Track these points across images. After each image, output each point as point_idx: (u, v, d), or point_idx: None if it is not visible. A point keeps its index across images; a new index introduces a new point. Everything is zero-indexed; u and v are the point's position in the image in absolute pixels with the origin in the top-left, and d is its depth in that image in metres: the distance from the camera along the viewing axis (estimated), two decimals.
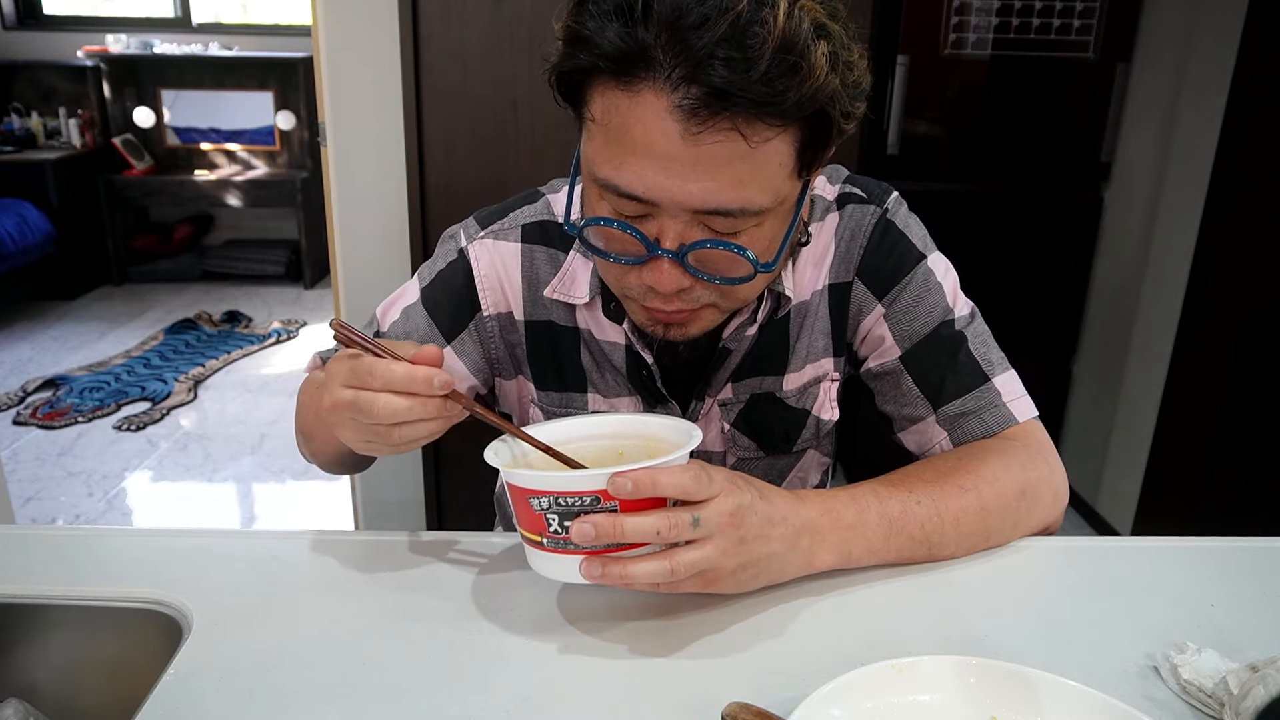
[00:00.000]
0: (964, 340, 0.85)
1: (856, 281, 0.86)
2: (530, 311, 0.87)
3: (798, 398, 0.89)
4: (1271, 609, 0.73)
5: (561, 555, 0.63)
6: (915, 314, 0.84)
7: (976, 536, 0.76)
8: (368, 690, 0.62)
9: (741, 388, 0.88)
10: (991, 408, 0.83)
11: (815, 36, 0.61)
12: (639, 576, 0.61)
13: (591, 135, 0.67)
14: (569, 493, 0.61)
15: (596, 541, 0.60)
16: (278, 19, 4.81)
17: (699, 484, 0.62)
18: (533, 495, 0.61)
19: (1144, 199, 2.38)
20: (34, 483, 2.70)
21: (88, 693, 0.75)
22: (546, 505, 0.61)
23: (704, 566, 0.63)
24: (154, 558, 0.77)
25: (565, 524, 0.61)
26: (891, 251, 0.85)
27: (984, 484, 0.77)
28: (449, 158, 1.75)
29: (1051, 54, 2.40)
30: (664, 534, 0.61)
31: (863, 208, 0.85)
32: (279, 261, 4.71)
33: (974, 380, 0.84)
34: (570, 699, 0.61)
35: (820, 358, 0.88)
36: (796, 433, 0.90)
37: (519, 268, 0.86)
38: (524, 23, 1.69)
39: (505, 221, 0.87)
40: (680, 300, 0.71)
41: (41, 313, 4.18)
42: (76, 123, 4.44)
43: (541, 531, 0.63)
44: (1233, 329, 2.12)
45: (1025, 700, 0.58)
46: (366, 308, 0.93)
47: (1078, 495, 2.65)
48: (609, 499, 0.60)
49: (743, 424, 0.89)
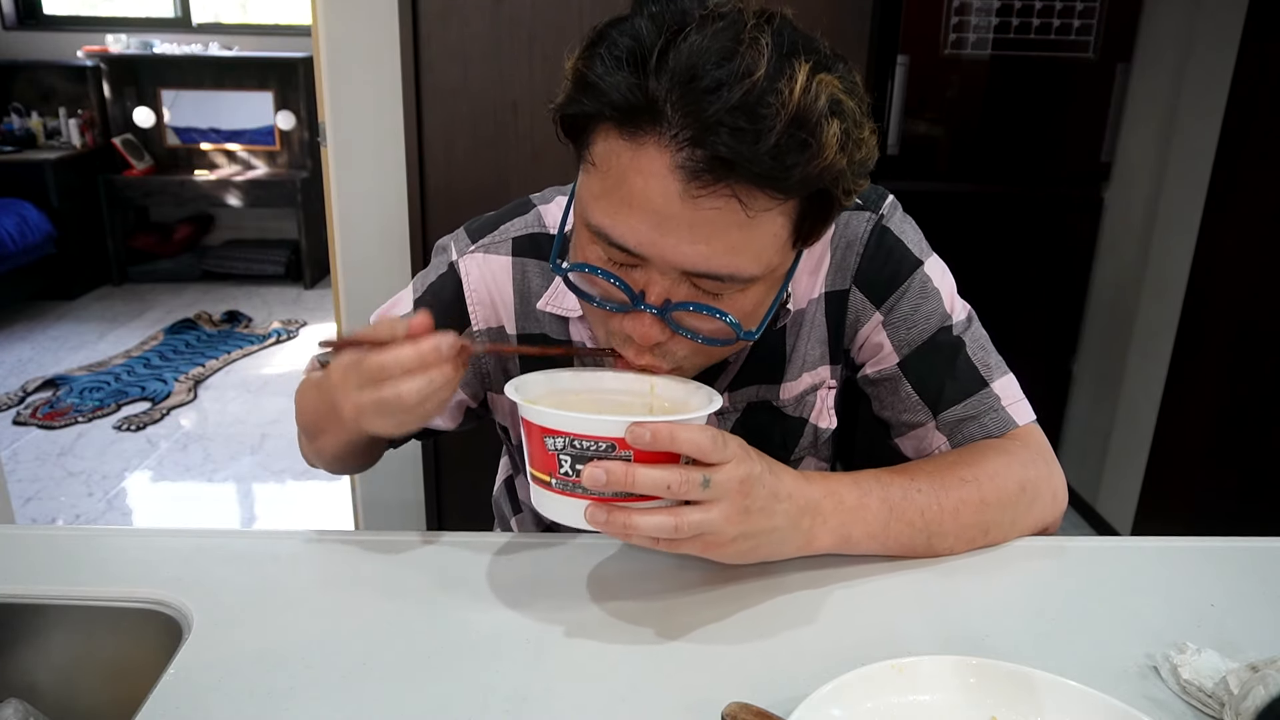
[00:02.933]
0: (962, 346, 0.84)
1: (854, 289, 0.85)
2: (522, 325, 0.86)
3: (795, 406, 0.89)
4: (1271, 609, 0.73)
5: (568, 498, 0.63)
6: (913, 321, 0.84)
7: (975, 530, 0.76)
8: (368, 690, 0.62)
9: (738, 397, 0.87)
10: (991, 412, 0.83)
11: (829, 114, 0.60)
12: (642, 528, 0.61)
13: (589, 178, 0.66)
14: (586, 436, 0.60)
15: (606, 488, 0.60)
16: (278, 19, 4.81)
17: (715, 445, 0.61)
18: (549, 434, 0.61)
19: (1144, 199, 2.38)
20: (34, 483, 2.70)
21: (88, 693, 0.75)
22: (561, 446, 0.61)
23: (707, 529, 0.62)
24: (154, 558, 0.77)
25: (578, 467, 0.61)
26: (888, 259, 0.84)
27: (985, 478, 0.77)
28: (449, 158, 1.75)
29: (1051, 54, 2.40)
30: (674, 489, 0.60)
31: (858, 215, 0.84)
32: (279, 261, 4.71)
33: (973, 386, 0.83)
34: (570, 699, 0.61)
35: (817, 365, 0.88)
36: (794, 441, 0.90)
37: (510, 281, 0.85)
38: (524, 23, 1.69)
39: (496, 235, 0.86)
40: (653, 355, 0.71)
41: (41, 313, 4.18)
42: (76, 123, 4.44)
43: (552, 472, 0.62)
44: (1233, 329, 2.12)
45: (1026, 700, 0.58)
46: (366, 308, 0.93)
47: (1078, 495, 2.65)
48: (625, 447, 0.60)
49: (740, 432, 0.88)
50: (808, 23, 0.67)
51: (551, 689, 0.62)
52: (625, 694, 0.62)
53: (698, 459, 0.62)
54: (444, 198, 1.77)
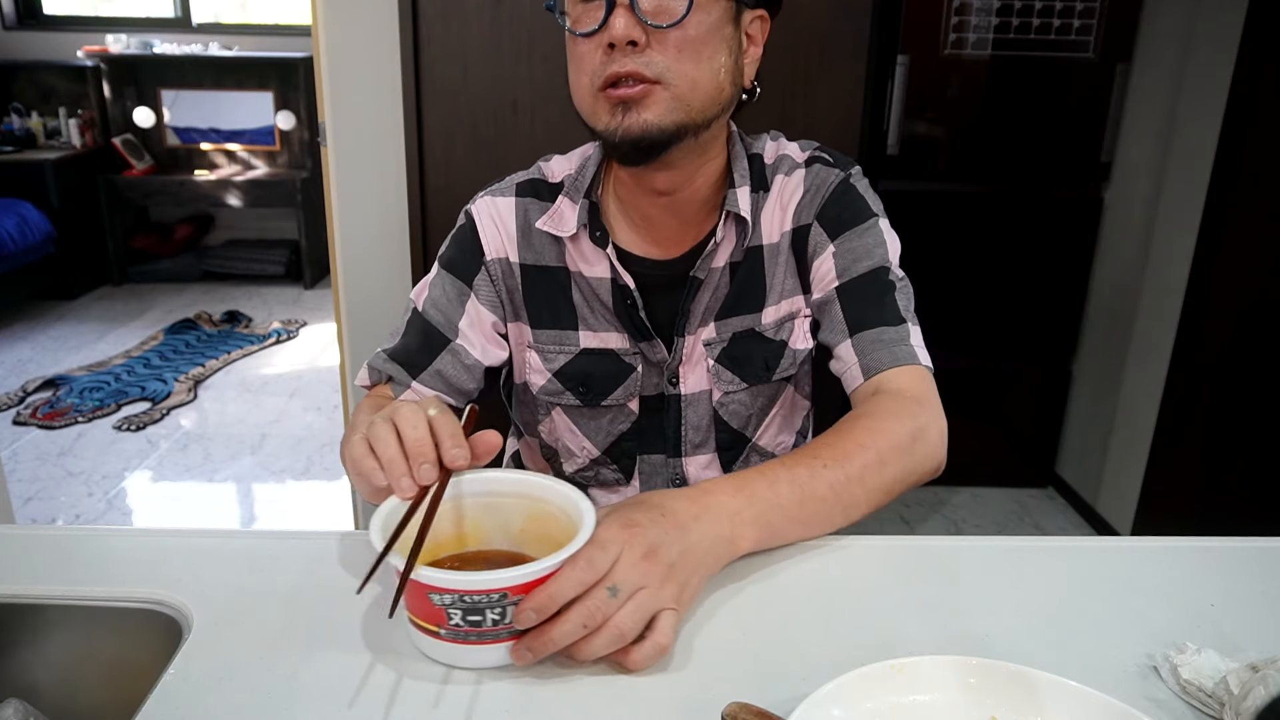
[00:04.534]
0: (894, 288, 0.92)
1: (815, 224, 0.94)
2: (524, 255, 0.96)
3: (775, 330, 0.98)
4: (1271, 609, 0.73)
5: (460, 645, 0.63)
6: (858, 253, 0.92)
7: (879, 492, 0.79)
8: (367, 690, 0.62)
9: (724, 327, 0.96)
10: (901, 343, 0.89)
11: None
12: (579, 647, 0.62)
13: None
14: (475, 591, 0.60)
15: (536, 658, 0.62)
16: (278, 19, 4.81)
17: (594, 567, 0.61)
18: (434, 591, 0.61)
19: (1144, 199, 2.38)
20: (34, 483, 2.70)
21: (88, 693, 0.75)
22: (450, 601, 0.61)
23: (646, 613, 0.62)
24: (154, 558, 0.77)
25: (469, 617, 0.61)
26: (849, 205, 0.94)
27: (880, 438, 0.80)
28: (449, 158, 1.75)
29: (1051, 54, 2.40)
30: (591, 620, 0.60)
31: (828, 169, 0.95)
32: (279, 261, 4.71)
33: (893, 320, 0.90)
34: (570, 699, 0.61)
35: (793, 295, 0.97)
36: (775, 362, 0.98)
37: (514, 217, 0.96)
38: (524, 23, 1.69)
39: (502, 183, 0.99)
40: (634, 62, 0.79)
41: (41, 313, 4.18)
42: (76, 123, 4.44)
43: (440, 623, 0.62)
44: (1233, 329, 2.12)
45: (1026, 700, 0.58)
46: (366, 308, 0.95)
47: (1078, 495, 2.65)
48: (516, 593, 0.60)
49: (725, 359, 0.97)
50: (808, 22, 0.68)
51: (551, 689, 0.62)
52: (625, 693, 0.62)
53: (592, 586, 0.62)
54: (444, 198, 1.77)
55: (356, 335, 1.97)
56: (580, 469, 1.03)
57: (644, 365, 0.97)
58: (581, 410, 0.99)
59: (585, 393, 0.98)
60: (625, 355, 0.96)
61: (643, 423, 0.99)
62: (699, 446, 1.01)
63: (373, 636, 0.68)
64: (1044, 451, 2.78)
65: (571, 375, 0.97)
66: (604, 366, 0.96)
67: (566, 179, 0.96)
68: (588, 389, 0.97)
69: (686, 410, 0.99)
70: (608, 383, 0.97)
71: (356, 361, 1.98)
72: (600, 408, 0.98)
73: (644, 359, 0.96)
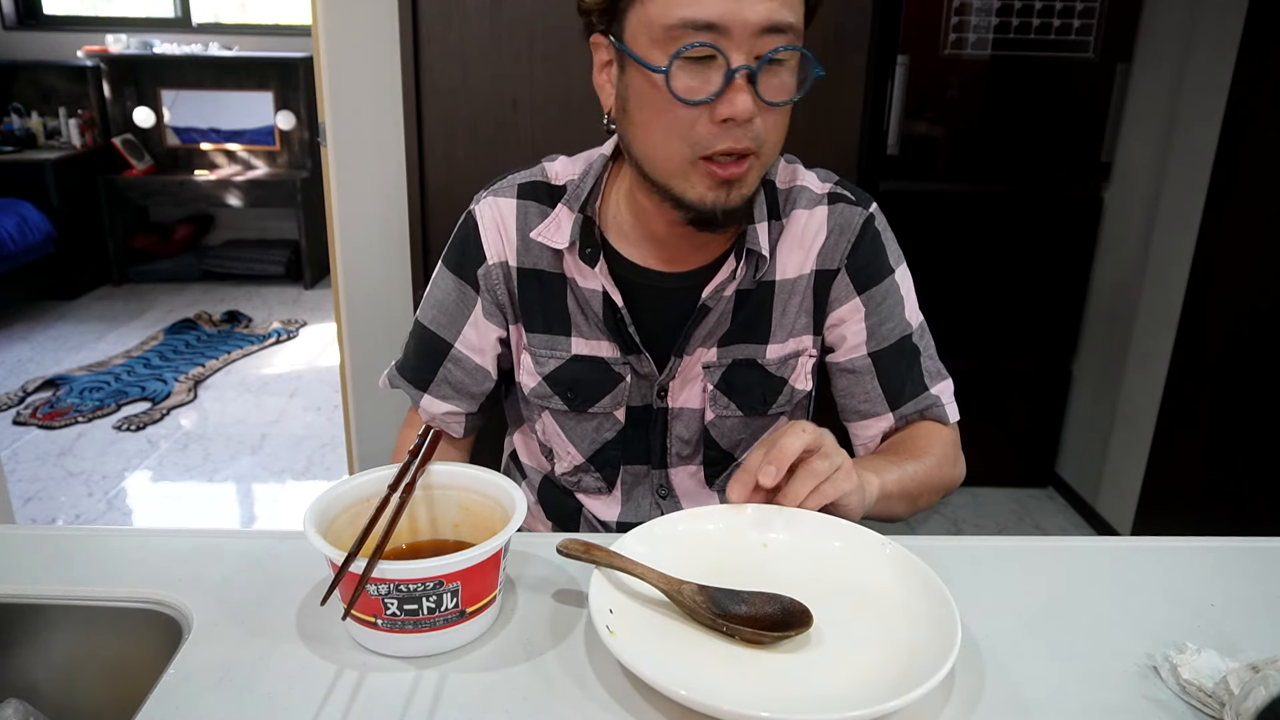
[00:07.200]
0: (919, 353, 0.98)
1: (843, 272, 0.95)
2: (523, 259, 0.96)
3: (778, 366, 0.98)
4: (1271, 609, 0.73)
5: (396, 635, 0.64)
6: (887, 320, 0.96)
7: (933, 493, 0.94)
8: (367, 690, 0.62)
9: (725, 352, 0.96)
10: (935, 407, 0.99)
11: None
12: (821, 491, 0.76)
13: (646, 5, 0.76)
14: (412, 580, 0.62)
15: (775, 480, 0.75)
16: (278, 19, 4.81)
17: (818, 435, 0.76)
18: (372, 582, 0.62)
19: (1144, 199, 2.38)
20: (34, 483, 2.70)
21: (88, 693, 0.75)
22: (386, 591, 0.62)
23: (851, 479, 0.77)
24: (154, 558, 0.78)
25: (405, 607, 0.63)
26: (874, 256, 0.96)
27: (935, 478, 0.93)
28: (449, 158, 1.75)
29: (1051, 54, 2.40)
30: (819, 474, 0.76)
31: (851, 208, 0.95)
32: (279, 261, 4.71)
33: (921, 389, 0.98)
34: (569, 699, 0.61)
35: (801, 334, 0.97)
36: (774, 397, 0.99)
37: (514, 219, 0.96)
38: (524, 23, 1.69)
39: (504, 182, 0.98)
40: (749, 138, 0.78)
41: (41, 313, 4.18)
42: (76, 123, 4.44)
43: (378, 614, 0.63)
44: (1233, 329, 2.12)
45: (787, 528, 0.76)
46: (367, 308, 0.95)
47: (1078, 495, 2.65)
48: (451, 581, 0.63)
49: (724, 385, 0.97)
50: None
51: (551, 688, 0.62)
52: (625, 694, 0.62)
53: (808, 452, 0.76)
54: (444, 198, 1.77)
55: (356, 335, 1.97)
56: (565, 473, 1.03)
57: (633, 376, 0.96)
58: (568, 415, 0.98)
59: (573, 398, 0.97)
60: (615, 365, 0.95)
61: (628, 432, 0.99)
62: (685, 459, 1.01)
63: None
64: (1044, 451, 2.78)
65: (561, 380, 0.97)
66: (593, 374, 0.96)
67: (569, 184, 0.94)
68: (575, 395, 0.97)
69: (673, 424, 0.98)
70: (595, 390, 0.96)
71: (356, 361, 1.98)
72: (587, 414, 0.98)
73: (633, 370, 0.96)
